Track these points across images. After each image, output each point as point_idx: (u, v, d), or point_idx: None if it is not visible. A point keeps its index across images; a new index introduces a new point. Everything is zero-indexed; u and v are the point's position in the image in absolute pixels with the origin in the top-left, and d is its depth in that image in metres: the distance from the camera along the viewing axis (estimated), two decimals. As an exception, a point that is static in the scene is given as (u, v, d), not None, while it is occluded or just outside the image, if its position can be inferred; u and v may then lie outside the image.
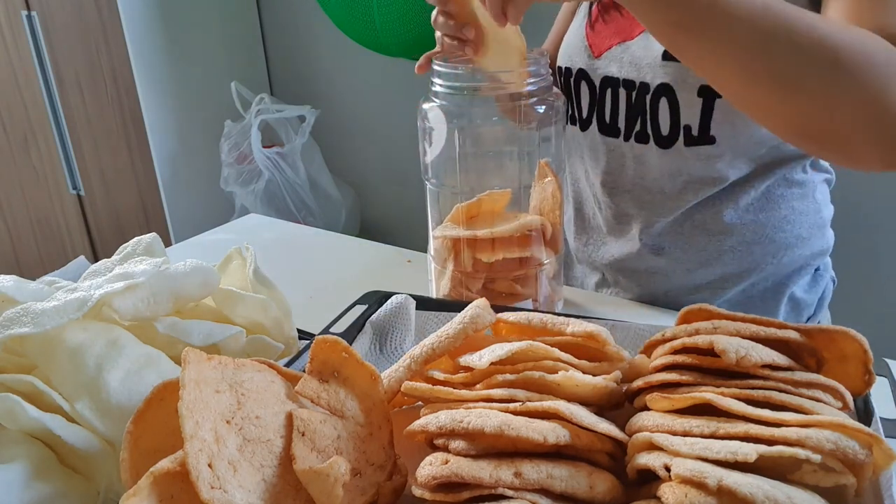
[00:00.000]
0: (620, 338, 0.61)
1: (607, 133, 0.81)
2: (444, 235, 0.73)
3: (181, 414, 0.39)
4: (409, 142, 2.24)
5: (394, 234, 2.41)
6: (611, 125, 0.80)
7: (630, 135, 0.78)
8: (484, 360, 0.48)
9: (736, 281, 0.82)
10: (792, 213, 0.80)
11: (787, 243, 0.80)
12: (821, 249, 0.83)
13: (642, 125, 0.77)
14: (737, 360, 0.44)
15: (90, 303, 0.51)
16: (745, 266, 0.80)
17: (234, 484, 0.39)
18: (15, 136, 1.95)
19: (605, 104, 0.80)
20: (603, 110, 0.80)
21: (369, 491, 0.44)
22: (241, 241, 0.69)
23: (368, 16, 1.90)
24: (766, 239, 0.79)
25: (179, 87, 2.15)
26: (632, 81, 0.76)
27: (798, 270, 0.82)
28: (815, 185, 0.81)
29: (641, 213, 0.82)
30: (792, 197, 0.79)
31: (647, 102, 0.75)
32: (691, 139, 0.74)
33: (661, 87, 0.73)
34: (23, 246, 2.04)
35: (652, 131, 0.76)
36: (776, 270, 0.81)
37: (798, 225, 0.80)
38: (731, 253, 0.80)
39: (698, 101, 0.72)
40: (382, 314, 0.65)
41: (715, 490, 0.36)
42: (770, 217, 0.79)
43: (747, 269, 0.81)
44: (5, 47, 1.87)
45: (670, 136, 0.75)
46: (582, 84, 0.81)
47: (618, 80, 0.77)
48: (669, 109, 0.74)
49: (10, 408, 0.47)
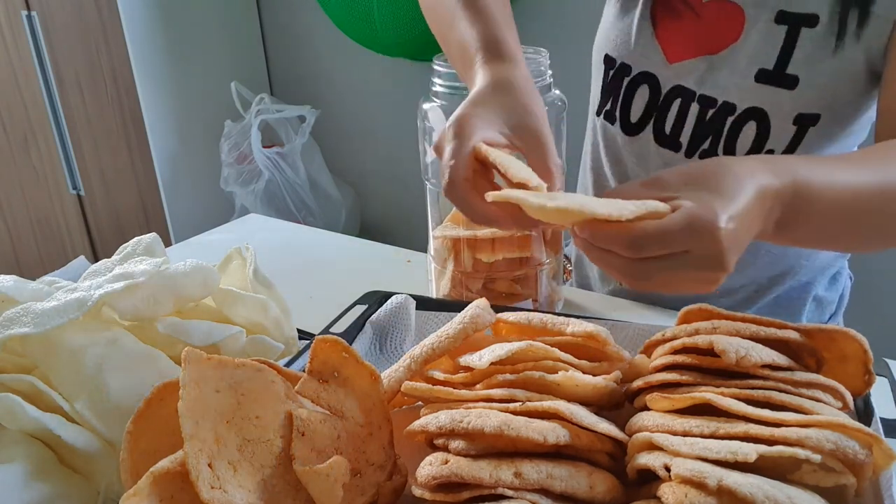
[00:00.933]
0: (620, 338, 0.61)
1: (665, 145, 0.76)
2: (444, 235, 0.73)
3: (181, 414, 0.39)
4: (409, 142, 2.24)
5: (394, 234, 2.41)
6: (671, 137, 0.76)
7: (694, 152, 0.74)
8: (484, 360, 0.48)
9: (770, 286, 0.80)
10: None
11: None
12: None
13: (711, 144, 0.73)
14: (737, 360, 0.44)
15: (90, 303, 0.51)
16: (778, 270, 0.79)
17: (234, 484, 0.39)
18: (15, 136, 1.95)
19: (667, 114, 0.75)
20: (663, 120, 0.76)
21: (369, 491, 0.44)
22: (241, 241, 0.69)
23: (368, 16, 1.90)
24: None
25: (179, 87, 2.15)
26: (712, 99, 0.72)
27: (822, 270, 0.81)
28: None
29: None
30: None
31: (728, 124, 0.72)
32: None
33: (751, 111, 0.70)
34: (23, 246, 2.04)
35: (723, 152, 0.73)
36: (806, 273, 0.80)
37: None
38: (767, 256, 0.78)
39: (792, 129, 0.69)
40: (382, 314, 0.65)
41: (715, 490, 0.36)
42: None
43: (781, 273, 0.79)
44: (5, 47, 1.87)
45: None
46: (641, 87, 0.76)
47: (693, 93, 0.73)
48: (756, 134, 0.71)
49: (10, 408, 0.47)
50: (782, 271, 0.79)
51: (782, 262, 0.79)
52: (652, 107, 0.76)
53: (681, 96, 0.74)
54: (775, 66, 0.68)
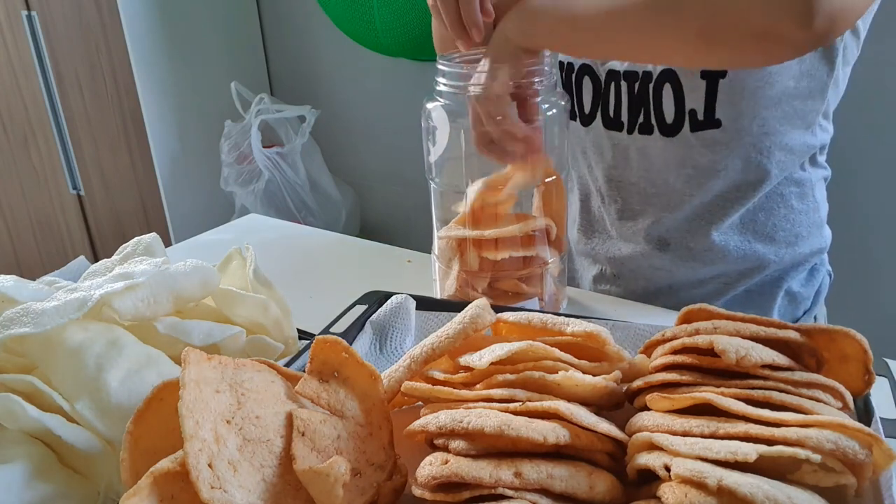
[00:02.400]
0: (620, 338, 0.61)
1: (611, 127, 0.81)
2: (449, 236, 0.72)
3: (181, 414, 0.39)
4: (409, 142, 2.24)
5: (394, 234, 2.41)
6: (614, 119, 0.80)
7: (634, 127, 0.78)
8: (484, 360, 0.48)
9: (739, 280, 0.82)
10: (791, 211, 0.80)
11: (788, 241, 0.81)
12: (819, 248, 0.84)
13: (646, 116, 0.77)
14: (737, 360, 0.44)
15: (90, 303, 0.51)
16: (748, 264, 0.81)
17: (234, 484, 0.39)
18: (15, 135, 1.95)
19: (608, 98, 0.79)
20: (607, 104, 0.80)
21: (369, 491, 0.44)
22: (241, 241, 0.69)
23: (368, 16, 1.90)
24: (768, 238, 0.80)
25: (179, 87, 2.15)
26: (634, 72, 0.76)
27: (796, 267, 0.83)
28: (813, 184, 0.81)
29: (648, 208, 0.82)
30: (792, 196, 0.80)
31: (651, 91, 0.75)
32: (697, 124, 0.74)
33: (664, 74, 0.74)
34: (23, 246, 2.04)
35: (656, 121, 0.76)
36: (777, 268, 0.82)
37: (798, 224, 0.81)
38: (735, 251, 0.80)
39: (702, 84, 0.72)
40: (382, 314, 0.65)
41: (715, 490, 0.36)
42: (771, 216, 0.79)
43: (750, 268, 0.81)
44: (5, 47, 1.87)
45: (675, 123, 0.75)
46: (585, 79, 0.81)
47: (619, 72, 0.77)
48: (674, 96, 0.74)
49: (10, 408, 0.47)
50: (751, 266, 0.81)
51: (751, 257, 0.80)
52: (597, 95, 0.81)
53: (614, 79, 0.78)
54: None
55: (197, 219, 2.23)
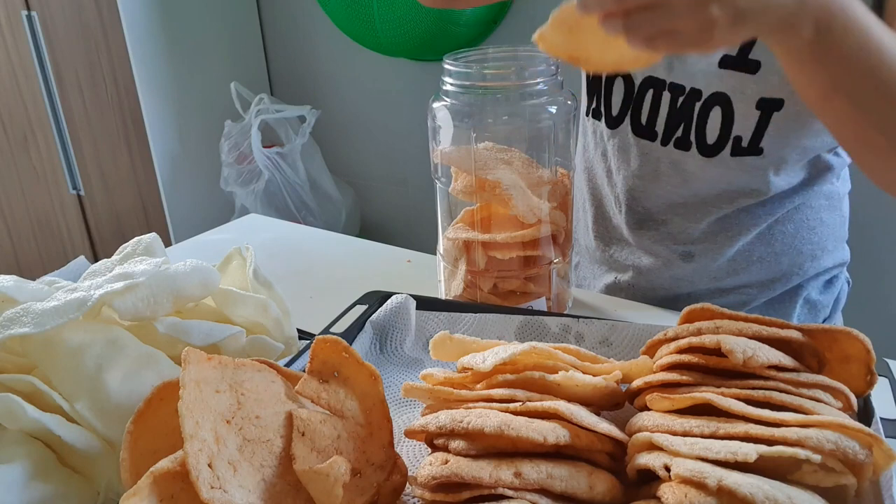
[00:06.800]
0: (621, 338, 0.61)
1: (642, 135, 0.78)
2: (457, 237, 0.72)
3: (181, 414, 0.39)
4: (410, 142, 2.24)
5: (394, 234, 2.41)
6: (647, 127, 0.77)
7: (669, 140, 0.76)
8: (487, 362, 0.48)
9: (761, 290, 0.80)
10: (820, 224, 0.79)
11: (813, 254, 0.79)
12: (841, 261, 0.83)
13: (685, 131, 0.74)
14: (744, 361, 0.44)
15: (90, 303, 0.51)
16: (771, 275, 0.79)
17: (234, 484, 0.39)
18: (15, 136, 1.95)
19: (642, 104, 0.77)
20: (639, 111, 0.77)
21: (369, 491, 0.44)
22: (241, 241, 0.69)
23: (368, 16, 1.90)
24: (794, 250, 0.79)
25: (179, 88, 2.15)
26: (681, 86, 0.73)
27: (816, 277, 0.82)
28: (841, 198, 0.80)
29: (673, 218, 0.80)
30: (821, 208, 0.79)
31: (697, 109, 0.73)
32: (739, 150, 0.72)
33: (715, 96, 0.71)
34: (23, 246, 2.04)
35: (696, 139, 0.74)
36: (798, 278, 0.80)
37: (824, 237, 0.80)
38: (759, 263, 0.79)
39: (755, 114, 0.70)
40: (382, 314, 0.65)
41: (715, 490, 0.36)
42: (800, 228, 0.78)
43: (772, 279, 0.80)
44: (5, 47, 1.87)
45: (716, 145, 0.73)
46: (616, 80, 0.78)
47: (664, 82, 0.75)
48: (722, 119, 0.72)
49: (10, 408, 0.47)
50: (773, 277, 0.80)
51: (775, 268, 0.79)
52: (628, 99, 0.78)
53: (653, 87, 0.76)
54: (739, 51, 0.69)
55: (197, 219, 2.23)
